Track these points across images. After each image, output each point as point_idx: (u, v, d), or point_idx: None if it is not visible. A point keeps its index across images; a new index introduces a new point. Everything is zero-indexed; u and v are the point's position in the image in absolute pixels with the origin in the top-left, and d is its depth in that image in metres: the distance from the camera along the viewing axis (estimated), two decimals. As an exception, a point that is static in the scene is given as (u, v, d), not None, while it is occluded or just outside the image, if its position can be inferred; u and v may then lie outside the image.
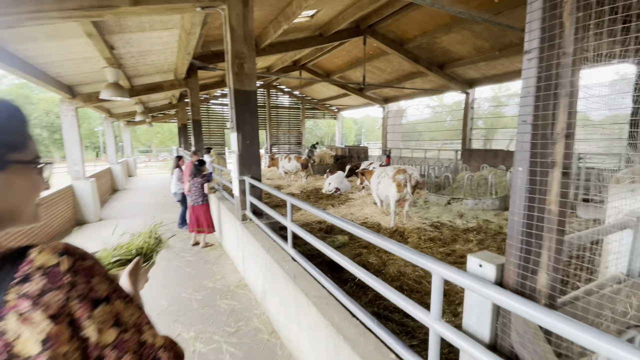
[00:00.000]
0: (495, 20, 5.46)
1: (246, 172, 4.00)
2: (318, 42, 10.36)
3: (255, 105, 3.82)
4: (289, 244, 3.08)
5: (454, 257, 4.96)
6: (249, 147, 3.98)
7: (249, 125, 3.92)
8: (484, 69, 12.04)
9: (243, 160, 3.98)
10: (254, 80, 3.72)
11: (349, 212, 7.66)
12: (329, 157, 15.48)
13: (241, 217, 4.13)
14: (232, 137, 3.99)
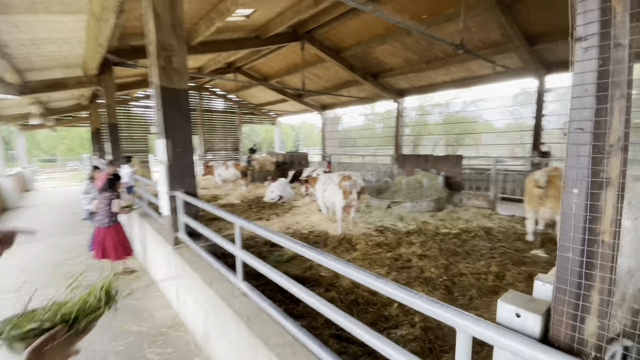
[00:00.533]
0: (428, 32, 5.77)
1: (178, 186, 3.41)
2: (254, 44, 9.93)
3: (188, 107, 3.30)
4: (239, 276, 2.62)
5: (401, 261, 5.02)
6: (181, 156, 3.42)
7: (181, 130, 3.36)
8: (413, 80, 12.97)
9: (174, 171, 3.39)
10: (185, 77, 3.20)
11: (294, 221, 7.37)
12: (270, 164, 14.99)
13: (173, 241, 3.52)
14: (159, 145, 3.38)
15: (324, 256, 1.85)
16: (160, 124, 3.23)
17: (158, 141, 3.35)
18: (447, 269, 4.68)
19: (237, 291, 2.68)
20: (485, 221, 7.45)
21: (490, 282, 4.20)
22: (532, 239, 5.92)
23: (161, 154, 3.42)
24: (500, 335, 0.94)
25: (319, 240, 6.03)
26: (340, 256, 5.26)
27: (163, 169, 3.44)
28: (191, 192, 3.43)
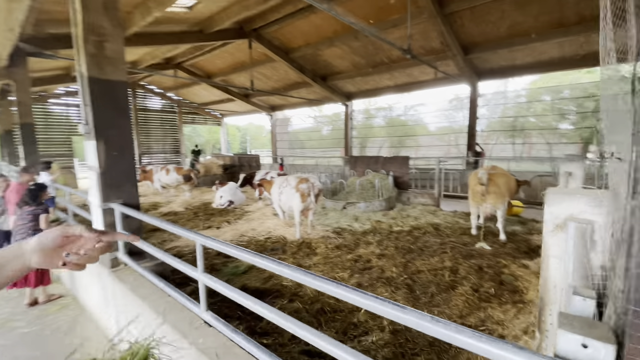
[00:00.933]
0: (379, 35, 5.90)
1: (114, 196, 2.90)
2: (197, 38, 9.25)
3: (126, 102, 2.82)
4: (202, 305, 2.22)
5: (361, 262, 5.02)
6: (118, 160, 2.91)
7: (118, 129, 2.86)
8: (360, 83, 13.35)
9: (109, 179, 2.87)
10: (121, 67, 2.73)
11: (249, 228, 6.98)
12: (217, 167, 14.15)
13: (110, 263, 3.00)
14: (89, 148, 2.83)
15: (283, 266, 1.68)
16: (89, 123, 2.70)
17: (87, 143, 2.81)
18: (405, 267, 4.79)
19: (199, 322, 2.30)
20: (432, 217, 7.91)
21: (447, 277, 4.40)
22: (475, 232, 6.41)
23: (91, 159, 2.86)
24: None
25: (277, 247, 5.77)
26: (300, 262, 5.08)
27: (94, 176, 2.88)
28: (132, 203, 2.93)
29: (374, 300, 1.26)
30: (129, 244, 2.79)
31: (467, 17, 8.15)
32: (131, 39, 7.70)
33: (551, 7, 7.51)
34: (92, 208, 3.10)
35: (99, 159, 2.80)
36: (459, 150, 19.16)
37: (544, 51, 9.15)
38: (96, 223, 3.03)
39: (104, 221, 2.90)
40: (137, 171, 14.25)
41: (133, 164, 3.04)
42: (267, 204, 9.69)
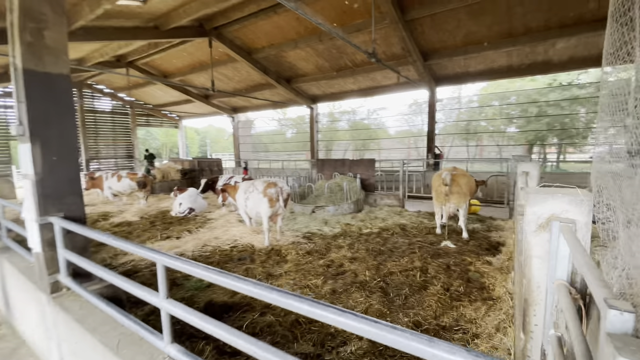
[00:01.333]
0: (346, 38, 5.89)
1: (54, 208, 2.50)
2: (152, 35, 8.62)
3: (70, 99, 2.45)
4: (165, 337, 1.87)
5: (334, 267, 4.91)
6: (59, 166, 2.48)
7: (59, 130, 2.44)
8: (325, 86, 13.38)
9: (47, 189, 2.45)
10: (64, 58, 2.36)
11: (212, 236, 6.57)
12: (175, 172, 13.31)
13: (50, 287, 2.54)
14: (23, 152, 2.38)
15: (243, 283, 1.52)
16: (23, 123, 2.28)
17: (21, 147, 2.37)
18: (377, 269, 4.77)
19: (161, 357, 1.97)
20: (399, 218, 8.08)
21: (419, 278, 4.44)
22: (440, 232, 6.62)
23: (26, 165, 2.41)
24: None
25: (244, 256, 5.47)
26: (270, 270, 4.85)
27: (29, 186, 2.44)
28: (76, 216, 2.52)
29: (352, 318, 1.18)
30: (73, 263, 2.36)
31: (427, 24, 8.49)
32: (77, 33, 6.93)
33: (502, 17, 8.07)
34: (27, 223, 2.62)
35: (35, 164, 2.37)
36: (418, 153, 20.02)
37: (494, 59, 9.82)
38: (32, 241, 2.57)
39: (41, 238, 2.46)
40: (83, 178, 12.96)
41: (77, 171, 2.62)
42: (231, 210, 9.27)
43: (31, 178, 2.43)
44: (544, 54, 9.37)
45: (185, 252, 5.65)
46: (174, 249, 5.85)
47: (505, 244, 5.91)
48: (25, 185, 2.54)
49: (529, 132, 13.54)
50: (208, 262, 5.24)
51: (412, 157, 19.53)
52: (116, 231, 7.42)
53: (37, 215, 2.43)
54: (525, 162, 5.25)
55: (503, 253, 5.43)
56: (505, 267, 4.90)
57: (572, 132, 12.73)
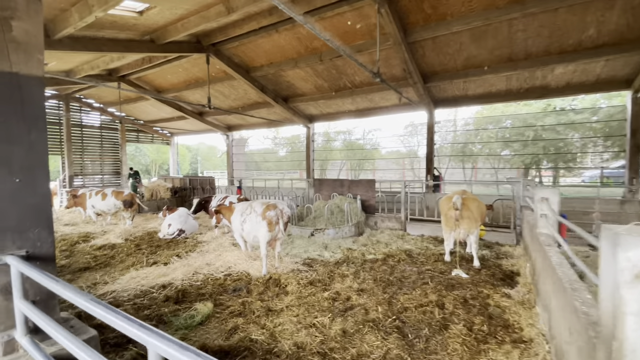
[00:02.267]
0: (353, 57, 5.68)
1: (12, 244, 1.99)
2: (147, 48, 8.33)
3: (41, 108, 2.04)
4: None
5: (340, 301, 4.42)
6: (22, 191, 1.98)
7: (24, 145, 1.99)
8: (322, 106, 13.24)
9: (5, 220, 1.99)
10: (36, 57, 1.95)
11: (204, 262, 6.01)
12: (165, 190, 12.70)
13: (2, 347, 1.96)
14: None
15: None
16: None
17: None
18: (390, 304, 4.31)
19: None
20: (402, 243, 7.66)
21: (437, 315, 3.99)
22: (449, 259, 6.22)
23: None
24: None
25: (240, 286, 4.93)
26: (270, 305, 4.33)
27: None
28: (42, 254, 2.03)
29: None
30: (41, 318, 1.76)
31: (428, 47, 8.47)
32: (64, 41, 6.56)
33: (503, 42, 8.10)
34: None
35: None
36: (414, 174, 19.97)
37: (493, 83, 9.86)
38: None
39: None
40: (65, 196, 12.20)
41: (48, 196, 2.11)
42: (224, 232, 8.72)
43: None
44: (542, 79, 9.44)
45: (174, 281, 5.08)
46: (161, 277, 5.26)
47: (521, 274, 5.54)
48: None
49: (525, 155, 13.60)
50: (200, 293, 4.69)
51: (407, 178, 19.39)
52: (97, 255, 6.77)
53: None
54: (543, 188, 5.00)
55: (521, 284, 5.05)
56: (526, 301, 4.51)
57: (567, 156, 12.88)
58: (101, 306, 1.31)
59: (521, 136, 13.03)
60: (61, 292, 1.46)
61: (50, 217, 2.05)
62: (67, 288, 1.45)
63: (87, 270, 5.85)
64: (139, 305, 4.31)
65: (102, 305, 1.35)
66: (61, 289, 1.46)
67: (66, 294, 1.44)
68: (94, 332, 2.09)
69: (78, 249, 7.24)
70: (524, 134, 12.73)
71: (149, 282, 5.06)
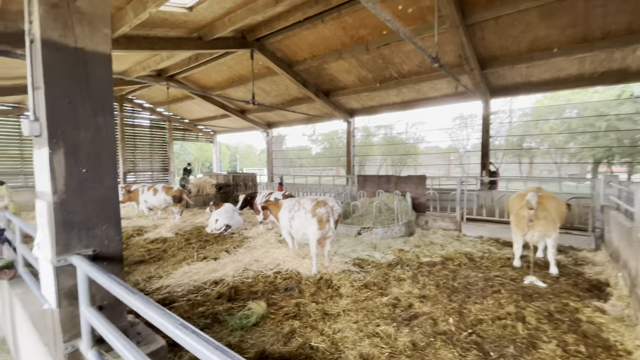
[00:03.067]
0: (413, 39, 5.20)
1: (79, 243, 1.79)
2: (196, 46, 8.44)
3: (109, 89, 1.86)
4: None
5: (401, 308, 4.02)
6: (90, 182, 1.83)
7: (92, 131, 1.81)
8: (365, 99, 12.75)
9: (72, 215, 1.77)
10: (104, 32, 1.79)
11: (252, 259, 5.89)
12: (210, 186, 13.03)
13: (66, 358, 1.77)
14: (39, 160, 1.82)
15: None
16: (39, 118, 1.69)
17: (36, 154, 1.80)
18: (460, 315, 3.82)
19: None
20: (459, 245, 7.03)
21: (521, 330, 3.44)
22: (519, 264, 5.54)
23: (41, 180, 1.81)
24: None
25: (291, 286, 4.71)
26: (324, 306, 4.04)
27: (44, 209, 1.79)
28: (109, 254, 1.85)
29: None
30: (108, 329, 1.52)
31: (489, 28, 7.67)
32: (120, 41, 6.81)
33: (578, 19, 7.10)
34: (41, 264, 1.92)
35: (55, 179, 1.69)
36: (462, 170, 18.67)
37: (562, 67, 8.74)
38: (46, 290, 1.85)
39: (57, 288, 1.73)
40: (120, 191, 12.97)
41: (115, 188, 1.89)
42: (268, 228, 8.64)
43: (48, 199, 1.73)
44: (621, 61, 8.20)
45: (225, 277, 4.99)
46: (212, 273, 5.21)
47: (611, 284, 4.73)
48: (40, 208, 1.84)
49: (597, 148, 11.99)
50: (251, 291, 4.54)
51: (452, 174, 18.26)
52: (150, 248, 6.98)
53: (54, 253, 1.71)
54: None
55: (615, 297, 4.29)
56: (626, 317, 3.79)
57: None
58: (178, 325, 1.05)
59: (590, 127, 11.51)
60: (132, 303, 1.23)
61: (117, 213, 1.89)
62: (138, 298, 1.22)
63: (142, 264, 6.00)
64: (193, 301, 4.24)
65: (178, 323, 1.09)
66: (133, 299, 1.23)
67: (138, 306, 1.21)
68: (162, 342, 1.91)
69: (133, 242, 7.53)
70: (594, 124, 11.20)
71: (200, 278, 5.02)
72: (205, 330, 3.49)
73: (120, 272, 1.80)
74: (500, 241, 7.31)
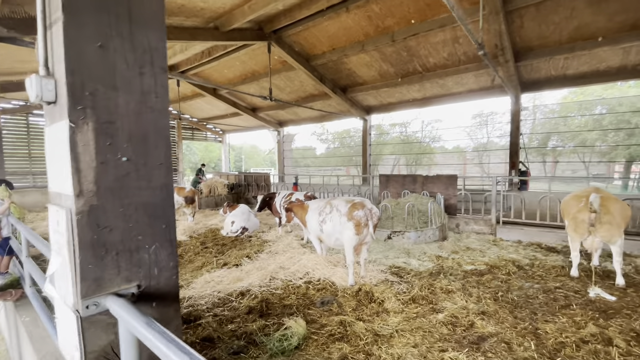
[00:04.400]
0: (465, 21, 4.65)
1: (117, 275, 1.16)
2: (212, 36, 7.95)
3: (162, 29, 1.27)
4: None
5: (462, 327, 3.46)
6: (133, 176, 1.22)
7: (135, 96, 1.21)
8: (383, 96, 12.19)
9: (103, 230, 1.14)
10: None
11: (277, 266, 5.37)
12: (222, 187, 12.56)
13: None
14: (53, 142, 1.19)
15: None
16: (54, 72, 1.13)
17: (49, 132, 1.21)
18: (536, 336, 3.26)
19: None
20: (498, 250, 6.47)
21: (616, 356, 2.88)
22: (576, 274, 4.95)
23: (57, 173, 1.21)
24: None
25: (327, 299, 4.18)
26: (371, 324, 3.50)
27: (62, 220, 1.17)
28: (160, 288, 1.24)
29: None
30: None
31: (529, 15, 7.07)
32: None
33: (630, 5, 6.49)
34: (58, 308, 1.32)
35: (78, 171, 1.10)
36: (482, 169, 17.98)
37: (604, 59, 8.11)
38: (67, 345, 1.24)
39: (82, 348, 1.11)
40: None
41: (169, 189, 1.28)
42: (287, 231, 8.13)
43: (69, 204, 1.12)
44: (670, 50, 7.55)
45: (251, 288, 4.48)
46: (237, 282, 4.70)
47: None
48: (55, 219, 1.20)
49: (634, 146, 11.26)
50: (284, 305, 4.02)
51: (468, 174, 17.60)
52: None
53: (78, 294, 1.10)
54: None
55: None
56: None
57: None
58: None
59: (626, 124, 10.83)
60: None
61: (172, 226, 1.28)
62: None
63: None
64: (221, 317, 3.73)
65: None
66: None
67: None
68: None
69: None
70: (630, 121, 10.51)
71: (224, 288, 4.51)
72: (242, 355, 2.97)
73: (176, 317, 1.22)
74: (543, 246, 6.72)
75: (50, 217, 1.24)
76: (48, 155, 1.23)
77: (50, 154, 1.19)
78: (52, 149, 1.18)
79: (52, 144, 1.18)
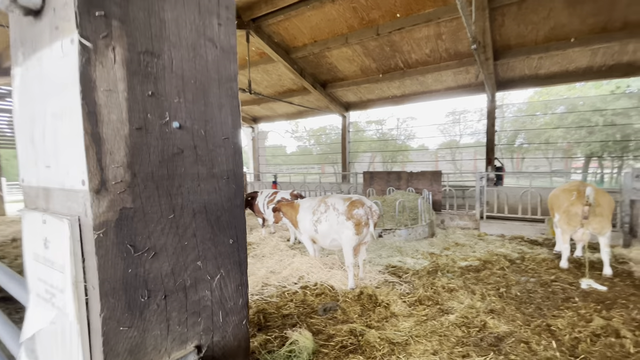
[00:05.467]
0: (465, 10, 4.51)
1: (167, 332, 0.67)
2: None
3: None
4: None
5: (475, 329, 3.31)
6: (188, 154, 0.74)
7: (191, 14, 0.72)
8: (363, 92, 12.06)
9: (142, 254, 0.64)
10: None
11: (268, 271, 4.97)
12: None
13: None
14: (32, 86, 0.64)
15: None
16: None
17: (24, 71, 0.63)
18: (551, 332, 3.19)
19: None
20: (485, 245, 6.54)
21: (630, 348, 2.86)
22: (566, 265, 5.07)
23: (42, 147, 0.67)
24: None
25: (329, 305, 3.87)
26: (383, 331, 3.25)
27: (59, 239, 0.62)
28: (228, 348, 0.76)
29: None
30: None
31: (511, 14, 7.21)
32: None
33: (603, 7, 6.82)
34: None
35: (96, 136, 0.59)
36: (455, 166, 18.57)
37: (574, 59, 8.53)
38: None
39: None
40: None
41: (239, 181, 0.81)
42: (270, 232, 7.72)
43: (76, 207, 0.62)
44: (632, 54, 8.10)
45: (243, 297, 4.04)
46: (226, 292, 4.23)
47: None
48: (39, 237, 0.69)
49: (594, 142, 12.11)
50: (283, 315, 3.65)
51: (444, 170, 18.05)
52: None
53: None
54: None
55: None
56: None
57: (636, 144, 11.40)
58: None
59: (587, 122, 11.62)
60: None
61: (243, 241, 0.83)
62: None
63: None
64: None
65: None
66: None
67: None
68: None
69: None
70: (590, 119, 11.31)
71: (213, 298, 4.02)
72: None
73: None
74: (526, 239, 6.91)
75: (29, 233, 0.72)
76: (21, 118, 0.71)
77: (29, 115, 0.66)
78: (32, 105, 0.65)
79: (32, 94, 0.65)
